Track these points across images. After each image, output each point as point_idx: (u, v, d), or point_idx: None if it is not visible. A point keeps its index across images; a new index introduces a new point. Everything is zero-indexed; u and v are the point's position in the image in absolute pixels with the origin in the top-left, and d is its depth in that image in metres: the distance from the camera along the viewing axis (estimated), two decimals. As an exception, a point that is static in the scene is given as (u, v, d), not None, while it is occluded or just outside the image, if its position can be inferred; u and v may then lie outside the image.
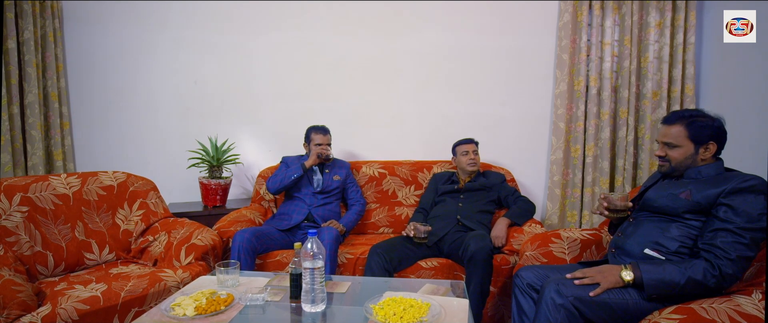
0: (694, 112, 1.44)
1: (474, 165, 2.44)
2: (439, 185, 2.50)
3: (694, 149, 1.41)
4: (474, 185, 2.41)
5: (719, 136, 1.41)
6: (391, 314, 1.27)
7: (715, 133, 1.40)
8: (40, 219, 1.89)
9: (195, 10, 2.90)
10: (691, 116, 1.42)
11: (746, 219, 1.27)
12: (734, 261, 1.26)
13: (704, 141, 1.40)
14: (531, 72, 2.90)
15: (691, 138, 1.41)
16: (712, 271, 1.27)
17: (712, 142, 1.40)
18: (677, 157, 1.43)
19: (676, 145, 1.43)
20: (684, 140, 1.42)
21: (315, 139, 2.48)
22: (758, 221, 1.27)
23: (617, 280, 1.35)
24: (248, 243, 2.05)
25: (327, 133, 2.52)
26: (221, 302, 1.37)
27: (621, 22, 2.73)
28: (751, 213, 1.27)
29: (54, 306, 1.46)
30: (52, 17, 2.70)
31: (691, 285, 1.28)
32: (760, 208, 1.27)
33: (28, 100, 2.62)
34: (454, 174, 2.53)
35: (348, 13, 2.91)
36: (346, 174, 2.58)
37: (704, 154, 1.41)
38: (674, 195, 1.41)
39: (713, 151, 1.41)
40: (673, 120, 1.45)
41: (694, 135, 1.40)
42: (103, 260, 2.03)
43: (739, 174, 1.35)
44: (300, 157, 2.56)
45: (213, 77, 2.97)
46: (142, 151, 2.95)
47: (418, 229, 2.08)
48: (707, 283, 1.27)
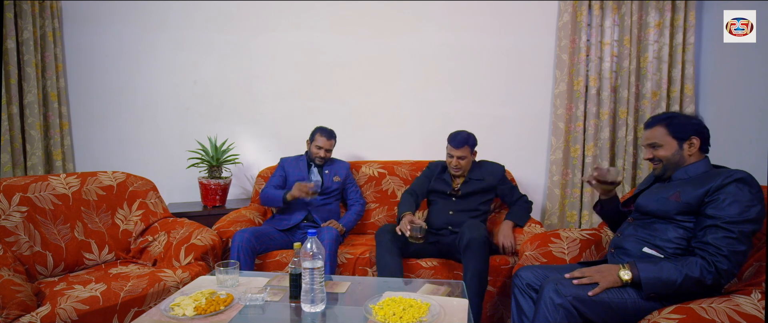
0: (671, 113, 1.49)
1: (458, 170, 2.24)
2: (434, 177, 2.34)
3: (678, 145, 1.43)
4: (469, 189, 2.25)
5: (701, 131, 1.43)
6: (391, 314, 1.27)
7: (695, 128, 1.43)
8: (39, 219, 1.89)
9: (195, 9, 2.90)
10: (669, 117, 1.47)
11: (733, 212, 1.27)
12: (728, 257, 1.26)
13: (686, 137, 1.42)
14: (530, 72, 2.90)
15: (672, 135, 1.44)
16: (708, 268, 1.27)
17: (693, 136, 1.42)
18: (665, 155, 1.45)
19: (660, 145, 1.45)
20: (666, 138, 1.45)
21: (318, 140, 2.44)
22: (746, 213, 1.27)
23: (616, 279, 1.35)
24: (248, 243, 2.05)
25: (331, 138, 2.47)
26: (221, 302, 1.37)
27: (620, 22, 2.73)
28: (738, 207, 1.28)
29: (53, 307, 1.46)
30: (52, 17, 2.70)
31: (688, 283, 1.28)
32: (746, 201, 1.28)
33: (27, 100, 2.61)
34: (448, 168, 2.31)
35: (348, 12, 2.91)
36: (346, 175, 2.57)
37: (690, 149, 1.43)
38: (664, 199, 1.43)
39: (698, 146, 1.43)
40: (652, 123, 1.49)
41: (675, 132, 1.43)
42: (102, 260, 2.02)
43: (725, 171, 1.37)
44: (298, 157, 2.55)
45: (213, 77, 2.97)
46: (141, 151, 2.95)
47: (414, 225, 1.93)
48: (705, 280, 1.27)
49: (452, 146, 2.21)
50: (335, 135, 2.50)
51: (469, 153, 2.22)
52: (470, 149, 2.23)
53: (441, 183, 2.31)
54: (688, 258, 1.32)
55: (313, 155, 2.47)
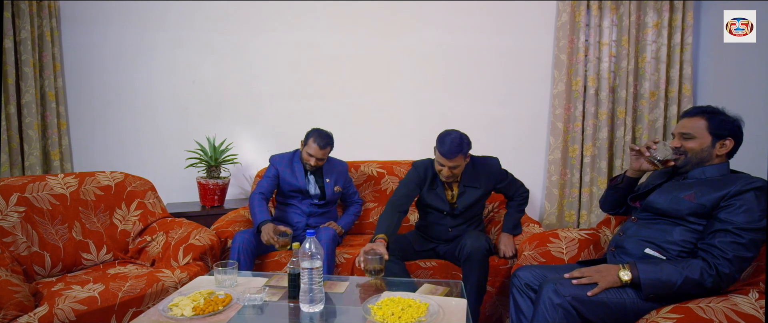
0: (716, 109, 1.43)
1: (451, 178, 2.01)
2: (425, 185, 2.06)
3: (712, 142, 1.39)
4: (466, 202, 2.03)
5: (737, 135, 1.40)
6: (390, 314, 1.27)
7: (734, 130, 1.39)
8: (37, 219, 1.88)
9: (193, 9, 2.89)
10: (713, 111, 1.41)
11: (746, 220, 1.26)
12: (731, 261, 1.25)
13: (723, 136, 1.39)
14: (529, 72, 2.91)
15: (710, 131, 1.39)
16: (709, 271, 1.27)
17: (730, 137, 1.39)
18: (694, 148, 1.40)
19: (695, 136, 1.40)
20: (703, 132, 1.40)
21: (310, 147, 2.22)
22: (758, 222, 1.26)
23: (615, 280, 1.35)
24: (248, 244, 2.04)
25: (326, 147, 2.22)
26: (219, 302, 1.37)
27: (619, 23, 2.74)
28: (751, 215, 1.26)
29: (51, 307, 1.46)
30: (50, 17, 2.69)
31: (688, 285, 1.28)
32: (761, 210, 1.27)
33: (25, 100, 2.61)
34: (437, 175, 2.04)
35: (346, 13, 2.91)
36: (346, 180, 2.47)
37: (720, 149, 1.39)
38: (678, 198, 1.40)
39: (730, 148, 1.40)
40: (694, 112, 1.44)
41: (714, 128, 1.39)
42: (100, 260, 2.02)
43: (744, 177, 1.34)
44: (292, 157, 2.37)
45: (211, 77, 2.97)
46: (139, 151, 2.94)
47: (369, 255, 1.63)
48: (704, 283, 1.27)
49: (443, 156, 1.90)
50: (332, 141, 2.27)
51: (462, 160, 1.94)
52: (463, 156, 1.93)
53: (435, 198, 2.06)
54: (690, 260, 1.31)
55: (303, 160, 2.30)
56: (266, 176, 2.33)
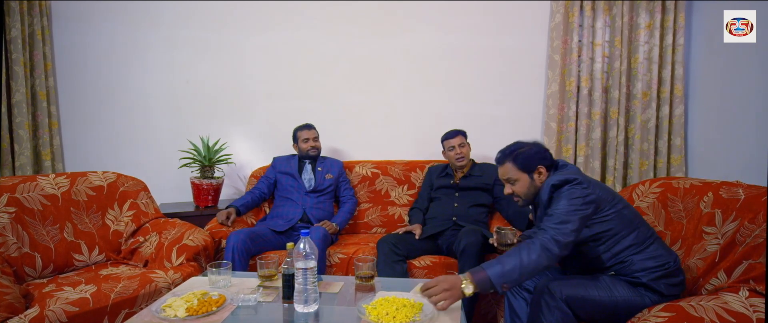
0: (514, 147, 1.55)
1: (462, 160, 2.37)
2: (434, 178, 2.48)
3: (529, 177, 1.51)
4: (470, 183, 2.38)
5: (544, 158, 1.51)
6: (384, 314, 1.27)
7: (539, 157, 1.50)
8: (27, 219, 1.86)
9: (187, 8, 2.88)
10: (513, 151, 1.53)
11: (562, 208, 1.36)
12: (555, 228, 1.33)
13: (533, 168, 1.50)
14: (523, 72, 2.92)
15: (521, 169, 1.51)
16: (540, 237, 1.33)
17: (539, 166, 1.50)
18: (521, 190, 1.52)
19: (515, 179, 1.52)
20: (517, 173, 1.51)
21: (301, 136, 2.52)
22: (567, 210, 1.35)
23: (461, 294, 1.29)
24: (243, 244, 2.04)
25: (312, 128, 2.56)
26: (213, 303, 1.36)
27: (612, 24, 2.76)
28: (565, 204, 1.36)
29: (42, 308, 1.44)
30: (40, 15, 2.66)
31: (534, 254, 1.29)
32: (569, 196, 1.37)
33: (15, 99, 2.58)
34: (448, 167, 2.48)
35: (341, 12, 2.90)
36: (339, 173, 2.59)
37: (539, 178, 1.50)
38: (541, 217, 1.49)
39: (546, 174, 1.50)
40: (501, 160, 1.56)
41: (521, 166, 1.51)
42: (92, 261, 2.00)
43: (546, 183, 1.47)
44: (291, 156, 2.60)
45: (205, 76, 2.95)
46: (132, 151, 2.92)
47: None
48: (543, 243, 1.30)
49: (449, 138, 2.39)
50: (313, 125, 2.58)
51: (465, 140, 2.40)
52: (464, 137, 2.41)
53: (443, 178, 2.45)
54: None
55: (304, 151, 2.51)
56: (265, 175, 2.59)
